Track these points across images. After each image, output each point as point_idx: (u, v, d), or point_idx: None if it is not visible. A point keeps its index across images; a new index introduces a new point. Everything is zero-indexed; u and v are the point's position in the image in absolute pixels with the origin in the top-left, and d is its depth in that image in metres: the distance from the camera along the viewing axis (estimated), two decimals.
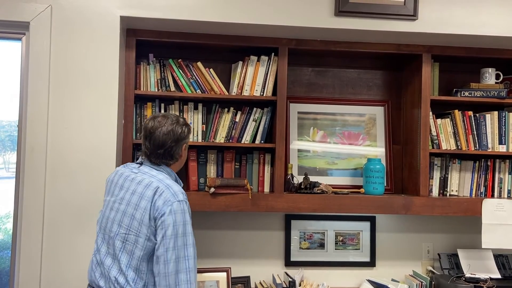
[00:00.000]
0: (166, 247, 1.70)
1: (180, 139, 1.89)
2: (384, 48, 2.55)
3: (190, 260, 1.73)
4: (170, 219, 1.71)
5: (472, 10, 2.37)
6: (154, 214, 1.74)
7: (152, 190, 1.77)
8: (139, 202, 1.77)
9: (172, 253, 1.70)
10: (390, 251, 2.81)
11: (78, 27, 2.22)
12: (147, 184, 1.79)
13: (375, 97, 2.84)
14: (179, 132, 1.89)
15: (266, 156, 2.62)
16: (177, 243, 1.71)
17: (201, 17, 2.25)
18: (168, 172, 1.90)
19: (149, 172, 1.85)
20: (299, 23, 2.29)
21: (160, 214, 1.72)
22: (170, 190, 1.76)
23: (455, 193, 2.71)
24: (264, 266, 2.71)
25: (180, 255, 1.71)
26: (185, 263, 1.71)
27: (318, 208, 2.46)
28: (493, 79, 2.69)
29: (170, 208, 1.72)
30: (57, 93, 2.20)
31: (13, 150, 2.75)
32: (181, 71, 2.51)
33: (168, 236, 1.71)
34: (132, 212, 1.78)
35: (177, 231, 1.72)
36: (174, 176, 1.93)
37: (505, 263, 2.75)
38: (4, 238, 2.80)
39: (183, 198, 1.77)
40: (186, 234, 1.74)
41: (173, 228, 1.71)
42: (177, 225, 1.72)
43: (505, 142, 2.66)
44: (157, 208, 1.73)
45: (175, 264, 1.70)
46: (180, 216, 1.73)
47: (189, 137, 1.96)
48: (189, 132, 1.96)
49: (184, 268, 1.71)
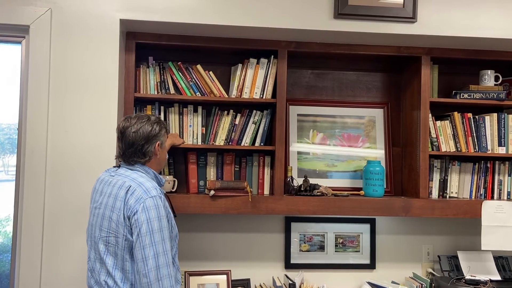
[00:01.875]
0: (143, 245, 1.71)
1: (151, 137, 1.88)
2: (383, 50, 2.56)
3: (168, 254, 1.74)
4: (143, 216, 1.72)
5: (471, 12, 2.37)
6: (128, 213, 1.75)
7: (125, 190, 1.78)
8: (114, 204, 1.79)
9: (150, 249, 1.70)
10: (390, 253, 2.81)
11: (78, 30, 2.22)
12: (121, 185, 1.81)
13: (375, 99, 2.84)
14: (149, 130, 1.88)
15: (265, 158, 2.62)
16: (154, 238, 1.71)
17: (201, 20, 2.25)
18: (145, 170, 1.89)
19: (124, 173, 1.86)
20: (298, 25, 2.30)
21: (133, 212, 1.73)
22: (142, 188, 1.77)
23: (455, 195, 2.71)
24: (264, 268, 2.71)
25: (159, 250, 1.71)
26: (165, 258, 1.72)
27: (318, 211, 2.46)
28: (492, 81, 2.69)
29: (142, 205, 1.73)
30: (57, 96, 2.20)
31: (12, 153, 2.75)
32: (181, 74, 2.51)
33: (143, 233, 1.71)
34: (110, 214, 1.80)
35: (152, 227, 1.71)
36: (153, 174, 1.91)
37: (505, 265, 2.75)
38: (4, 241, 2.80)
39: (156, 194, 1.77)
40: (162, 229, 1.74)
41: (147, 224, 1.71)
42: (151, 221, 1.72)
43: (504, 144, 2.66)
44: (130, 206, 1.74)
45: (154, 260, 1.70)
46: (154, 211, 1.73)
47: (162, 135, 1.93)
48: (161, 129, 1.92)
49: (164, 263, 1.71)
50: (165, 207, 1.79)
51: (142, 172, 1.88)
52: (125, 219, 1.75)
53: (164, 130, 1.95)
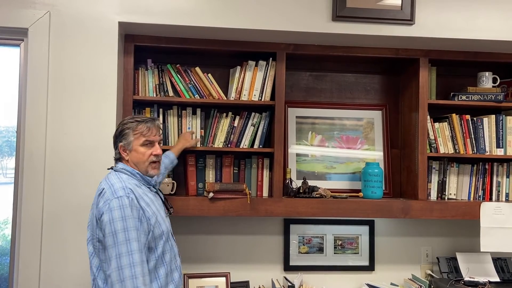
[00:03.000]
0: (107, 246, 1.72)
1: (114, 137, 1.93)
2: (382, 52, 2.57)
3: (135, 255, 1.70)
4: (107, 216, 1.72)
5: (468, 14, 2.38)
6: (97, 215, 1.77)
7: (98, 192, 1.82)
8: (92, 208, 1.84)
9: (113, 250, 1.70)
10: (389, 255, 2.81)
11: (77, 33, 2.22)
12: (98, 188, 1.84)
13: (373, 101, 2.84)
14: (116, 130, 1.94)
15: (264, 160, 2.62)
16: (117, 239, 1.70)
17: (200, 22, 2.25)
18: (129, 172, 1.88)
19: (109, 176, 1.88)
20: (296, 28, 2.30)
21: (100, 214, 1.75)
22: (111, 189, 1.78)
23: (454, 196, 2.72)
24: (263, 270, 2.71)
25: (122, 251, 1.69)
26: (129, 258, 1.69)
27: (317, 212, 2.46)
28: (490, 83, 2.70)
29: (108, 206, 1.74)
30: (55, 99, 2.20)
31: (11, 156, 2.75)
32: (180, 76, 2.51)
33: (107, 234, 1.72)
34: (92, 217, 1.84)
35: (115, 227, 1.71)
36: (138, 175, 1.90)
37: (503, 266, 2.75)
38: (3, 244, 2.79)
39: (123, 194, 1.76)
40: (128, 229, 1.71)
41: (110, 225, 1.71)
42: (114, 222, 1.71)
43: (502, 145, 2.67)
44: (99, 209, 1.77)
45: (116, 261, 1.68)
46: (118, 212, 1.72)
47: (123, 137, 1.89)
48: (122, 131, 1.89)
49: (128, 264, 1.68)
50: (134, 206, 1.75)
51: (126, 174, 1.88)
52: (97, 222, 1.78)
53: (131, 131, 1.88)
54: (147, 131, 1.90)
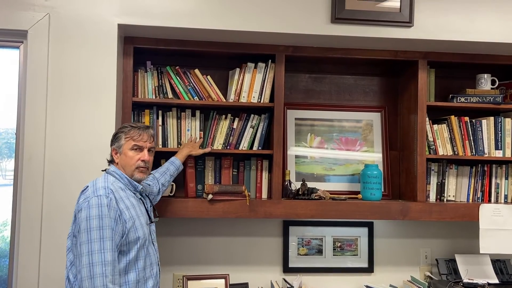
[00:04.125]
0: (80, 241, 1.74)
1: (111, 140, 1.99)
2: (381, 54, 2.57)
3: (107, 254, 1.72)
4: (84, 213, 1.76)
5: (467, 16, 2.39)
6: (75, 211, 1.82)
7: (82, 189, 1.86)
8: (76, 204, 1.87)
9: (85, 246, 1.72)
10: (388, 257, 2.81)
11: (76, 35, 2.22)
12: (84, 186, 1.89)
13: (372, 103, 2.85)
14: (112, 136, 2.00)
15: (263, 162, 2.62)
16: (91, 236, 1.72)
17: (199, 24, 2.26)
18: (118, 175, 1.93)
19: (98, 177, 1.93)
20: (296, 30, 2.31)
21: (78, 209, 1.79)
22: (93, 187, 1.83)
23: (452, 198, 2.72)
24: (263, 272, 2.71)
25: (95, 248, 1.71)
26: (101, 256, 1.71)
27: (316, 214, 2.46)
28: (488, 85, 2.70)
29: (87, 203, 1.77)
30: (55, 101, 2.20)
31: (10, 158, 2.75)
32: (179, 78, 2.52)
33: (82, 230, 1.74)
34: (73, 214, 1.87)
35: (91, 224, 1.73)
36: (126, 180, 1.93)
37: (502, 268, 2.76)
38: (2, 246, 2.79)
39: (103, 193, 1.80)
40: (103, 227, 1.74)
41: (86, 222, 1.74)
42: (90, 219, 1.74)
43: (501, 147, 2.67)
44: (78, 204, 1.82)
45: (88, 257, 1.71)
46: (95, 210, 1.75)
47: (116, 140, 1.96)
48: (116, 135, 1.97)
49: (100, 261, 1.70)
50: (112, 207, 1.78)
51: (114, 177, 1.92)
52: (75, 217, 1.82)
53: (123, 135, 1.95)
54: (138, 136, 1.96)
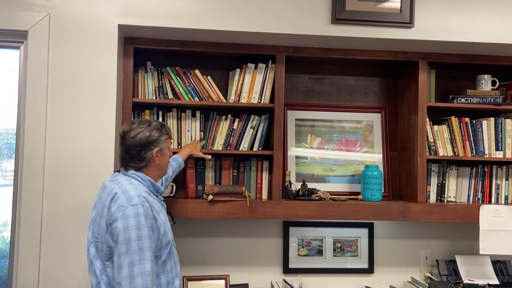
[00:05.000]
0: (119, 252, 1.70)
1: (148, 143, 1.87)
2: (381, 55, 2.57)
3: (146, 264, 1.70)
4: (121, 224, 1.71)
5: (467, 17, 2.39)
6: (109, 220, 1.75)
7: (111, 196, 1.78)
8: (102, 210, 1.80)
9: (125, 258, 1.68)
10: (389, 258, 2.81)
11: (76, 35, 2.22)
12: (110, 191, 1.81)
13: (372, 103, 2.85)
14: (147, 136, 1.87)
15: (264, 163, 2.62)
16: (130, 247, 1.69)
17: (199, 25, 2.26)
18: (140, 178, 1.87)
19: (119, 180, 1.85)
20: (296, 30, 2.31)
21: (113, 219, 1.73)
22: (126, 195, 1.76)
23: (453, 199, 2.72)
24: (263, 273, 2.70)
25: (135, 260, 1.68)
26: (140, 268, 1.68)
27: (316, 215, 2.46)
28: (489, 86, 2.70)
29: (122, 213, 1.72)
30: (55, 101, 2.20)
31: (10, 158, 2.75)
32: (179, 78, 2.52)
33: (120, 241, 1.70)
34: (99, 220, 1.81)
35: (130, 235, 1.70)
36: (148, 182, 1.89)
37: (503, 269, 2.75)
38: (2, 246, 2.79)
39: (139, 202, 1.74)
40: (141, 238, 1.71)
41: (124, 233, 1.70)
42: (129, 230, 1.70)
43: (501, 148, 2.67)
44: (111, 214, 1.75)
45: (128, 269, 1.68)
46: (132, 220, 1.71)
47: (161, 141, 1.90)
48: (161, 136, 1.90)
49: (139, 272, 1.68)
50: (148, 216, 1.75)
51: (137, 180, 1.86)
52: (107, 226, 1.76)
53: (164, 136, 1.92)
54: (171, 134, 1.98)
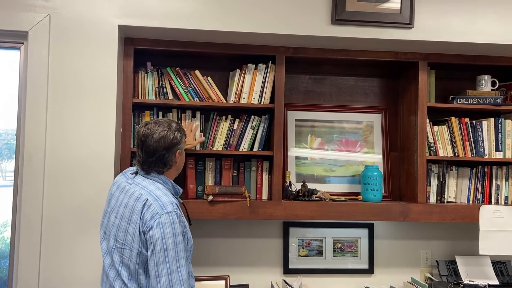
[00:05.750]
0: (157, 261, 1.69)
1: (172, 146, 1.85)
2: (381, 56, 2.57)
3: (183, 271, 1.71)
4: (158, 232, 1.69)
5: (467, 18, 2.39)
6: (143, 228, 1.73)
7: (142, 203, 1.75)
8: (131, 216, 1.77)
9: (163, 266, 1.68)
10: (389, 258, 2.81)
11: (77, 36, 2.22)
12: (138, 197, 1.78)
13: (372, 104, 2.85)
14: (171, 139, 1.84)
15: (264, 163, 2.62)
16: (168, 256, 1.69)
17: (199, 25, 2.26)
18: (163, 181, 1.87)
19: (141, 183, 1.83)
20: (296, 31, 2.31)
21: (148, 228, 1.71)
22: (159, 202, 1.74)
23: (453, 199, 2.72)
24: (263, 274, 2.70)
25: (173, 268, 1.69)
26: (178, 275, 1.69)
27: (316, 215, 2.46)
28: (489, 86, 2.70)
29: (157, 221, 1.70)
30: (55, 102, 2.20)
31: (10, 158, 2.75)
32: (179, 79, 2.52)
33: (157, 250, 1.69)
34: (126, 226, 1.78)
35: (167, 244, 1.69)
36: (170, 184, 1.90)
37: (503, 269, 2.75)
38: (2, 247, 2.79)
39: (172, 209, 1.74)
40: (177, 245, 1.71)
41: (162, 241, 1.69)
42: (166, 238, 1.69)
43: (501, 148, 2.67)
44: (145, 221, 1.72)
45: (167, 277, 1.68)
46: (169, 228, 1.70)
47: (182, 142, 1.91)
48: (182, 137, 1.90)
49: (178, 280, 1.69)
50: (180, 222, 1.76)
51: (160, 183, 1.85)
52: (140, 234, 1.73)
53: (184, 137, 1.93)
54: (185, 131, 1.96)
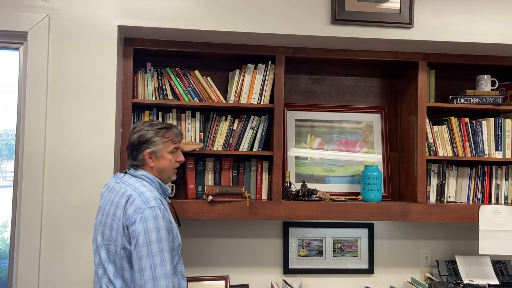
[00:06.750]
0: (140, 255, 1.69)
1: (139, 144, 1.87)
2: (380, 55, 2.57)
3: (167, 265, 1.71)
4: (141, 226, 1.70)
5: (467, 17, 2.39)
6: (126, 223, 1.74)
7: (125, 198, 1.77)
8: (115, 212, 1.79)
9: (147, 261, 1.68)
10: (389, 258, 2.81)
11: (76, 36, 2.22)
12: (122, 193, 1.80)
13: (372, 104, 2.85)
14: (138, 136, 1.88)
15: (264, 163, 2.62)
16: (151, 250, 1.69)
17: (199, 26, 2.26)
18: (150, 179, 1.88)
19: (128, 181, 1.85)
20: (295, 31, 2.31)
21: (131, 222, 1.72)
22: (142, 198, 1.76)
23: (453, 199, 2.72)
24: (263, 274, 2.70)
25: (157, 262, 1.69)
26: (163, 269, 1.69)
27: (316, 216, 2.46)
28: (489, 86, 2.70)
29: (141, 215, 1.71)
30: (55, 102, 2.20)
31: (10, 159, 2.75)
32: (179, 79, 2.52)
33: (140, 244, 1.69)
34: (111, 222, 1.80)
35: (150, 238, 1.70)
36: (158, 184, 1.90)
37: (503, 269, 2.75)
38: (2, 247, 2.79)
39: (156, 204, 1.75)
40: (161, 240, 1.71)
41: (145, 235, 1.70)
42: (149, 232, 1.70)
43: (501, 148, 2.67)
44: (128, 216, 1.73)
45: (151, 271, 1.68)
46: (152, 222, 1.71)
47: (153, 142, 1.88)
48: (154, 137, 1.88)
49: (162, 274, 1.69)
50: (165, 218, 1.77)
51: (147, 181, 1.87)
52: (123, 229, 1.75)
53: (162, 139, 1.90)
54: (176, 138, 1.94)
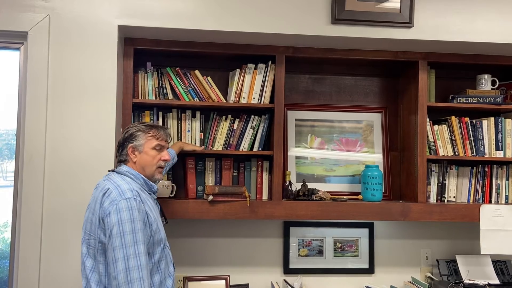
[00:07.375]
0: (113, 246, 1.69)
1: (124, 140, 1.93)
2: (381, 55, 2.57)
3: (142, 257, 1.70)
4: (115, 217, 1.70)
5: (467, 17, 2.39)
6: (102, 215, 1.75)
7: (103, 192, 1.79)
8: (94, 206, 1.81)
9: (120, 251, 1.68)
10: (389, 258, 2.81)
11: (76, 36, 2.22)
12: (102, 188, 1.82)
13: (372, 104, 2.85)
14: (124, 133, 1.95)
15: (264, 163, 2.62)
16: (125, 240, 1.68)
17: (199, 25, 2.26)
18: (134, 175, 1.89)
19: (113, 178, 1.86)
20: (296, 31, 2.31)
21: (106, 213, 1.73)
22: (118, 190, 1.77)
23: (453, 199, 2.72)
24: (263, 273, 2.70)
25: (130, 253, 1.68)
26: (136, 261, 1.68)
27: (317, 215, 2.46)
28: (489, 86, 2.70)
29: (115, 207, 1.72)
30: (55, 102, 2.20)
31: (10, 159, 2.76)
32: (179, 79, 2.52)
33: (114, 235, 1.69)
34: (91, 217, 1.81)
35: (124, 228, 1.69)
36: (142, 180, 1.91)
37: (503, 268, 2.75)
38: (2, 247, 2.80)
39: (131, 196, 1.75)
40: (135, 231, 1.71)
41: (118, 226, 1.70)
42: (123, 223, 1.70)
43: (502, 148, 2.67)
44: (104, 208, 1.74)
45: (124, 262, 1.67)
46: (126, 213, 1.71)
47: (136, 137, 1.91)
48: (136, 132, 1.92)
49: (135, 265, 1.68)
50: (141, 210, 1.76)
51: (131, 178, 1.88)
52: (99, 221, 1.76)
53: (144, 134, 1.92)
54: (160, 136, 1.96)
